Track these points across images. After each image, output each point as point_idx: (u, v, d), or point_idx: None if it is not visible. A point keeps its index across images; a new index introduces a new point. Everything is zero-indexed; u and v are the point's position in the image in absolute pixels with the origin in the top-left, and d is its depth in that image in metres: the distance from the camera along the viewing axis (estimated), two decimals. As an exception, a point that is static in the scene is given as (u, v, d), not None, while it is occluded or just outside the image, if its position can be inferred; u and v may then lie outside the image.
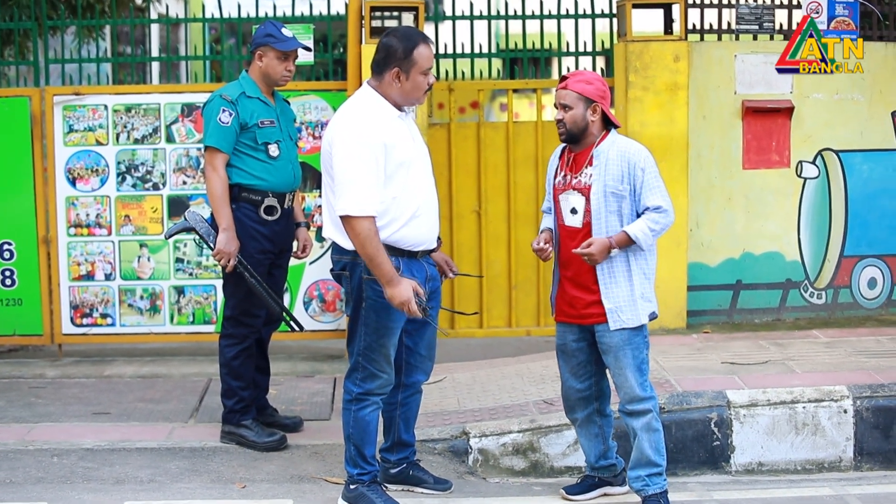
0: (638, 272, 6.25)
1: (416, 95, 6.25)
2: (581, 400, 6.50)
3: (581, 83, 6.27)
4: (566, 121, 6.27)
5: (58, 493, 6.62)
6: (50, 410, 8.03)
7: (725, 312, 9.52)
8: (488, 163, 9.47)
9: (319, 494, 6.64)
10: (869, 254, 9.62)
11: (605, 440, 6.56)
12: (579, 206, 6.27)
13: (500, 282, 9.48)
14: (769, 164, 9.46)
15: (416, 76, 6.18)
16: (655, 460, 6.29)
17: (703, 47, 9.42)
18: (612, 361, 6.29)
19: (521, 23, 10.03)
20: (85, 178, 9.16)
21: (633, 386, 6.25)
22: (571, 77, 6.32)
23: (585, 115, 6.24)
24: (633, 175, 6.19)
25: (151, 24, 11.08)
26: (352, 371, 6.32)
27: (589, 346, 6.40)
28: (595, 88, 6.26)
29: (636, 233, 6.16)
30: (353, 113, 6.17)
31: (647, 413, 6.28)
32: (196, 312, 9.23)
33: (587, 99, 6.23)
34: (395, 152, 6.08)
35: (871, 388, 7.39)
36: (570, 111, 6.25)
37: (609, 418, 6.57)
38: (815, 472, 7.24)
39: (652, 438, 6.29)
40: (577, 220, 6.28)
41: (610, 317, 6.23)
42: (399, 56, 6.14)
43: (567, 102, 6.26)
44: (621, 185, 6.19)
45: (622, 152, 6.23)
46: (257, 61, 7.29)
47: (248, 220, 7.18)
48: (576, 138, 6.29)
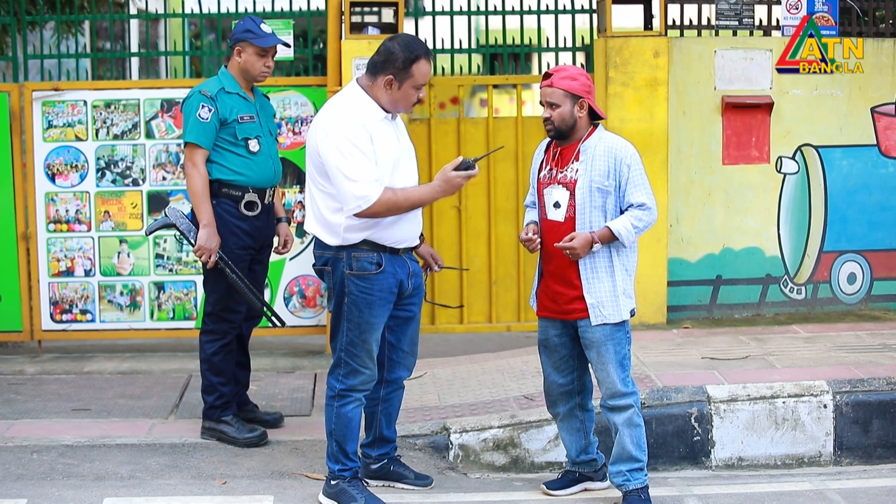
0: (620, 268, 6.24)
1: (404, 106, 6.25)
2: (563, 395, 6.50)
3: (566, 80, 6.23)
4: (554, 119, 6.24)
5: (38, 489, 6.60)
6: (30, 407, 8.01)
7: (705, 308, 9.54)
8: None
9: (300, 490, 6.63)
10: (848, 249, 9.65)
11: (586, 435, 6.57)
12: (563, 200, 6.26)
13: (480, 277, 9.49)
14: (749, 160, 9.49)
15: (409, 89, 6.18)
16: (636, 455, 6.30)
17: (682, 43, 9.44)
18: (595, 357, 6.28)
19: (501, 18, 10.02)
20: (64, 173, 9.14)
21: (615, 381, 6.25)
22: (556, 74, 6.27)
23: (573, 112, 6.22)
24: (619, 171, 6.19)
25: (131, 19, 11.05)
26: (334, 367, 6.32)
27: (571, 340, 6.40)
28: (580, 84, 6.23)
29: (619, 229, 6.15)
30: (341, 108, 6.16)
31: (629, 408, 6.28)
32: (176, 308, 9.21)
33: (574, 95, 6.20)
34: (380, 151, 6.09)
35: (851, 383, 7.41)
36: (558, 109, 6.21)
37: (591, 413, 6.57)
38: (795, 467, 7.26)
39: (633, 434, 6.29)
40: (559, 215, 6.28)
41: (592, 312, 6.22)
42: (398, 65, 6.14)
43: (554, 100, 6.23)
44: (607, 181, 6.18)
45: (609, 148, 6.22)
46: (236, 57, 7.27)
47: (229, 216, 7.17)
48: (564, 135, 6.28)
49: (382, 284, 6.20)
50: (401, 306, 6.40)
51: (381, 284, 6.20)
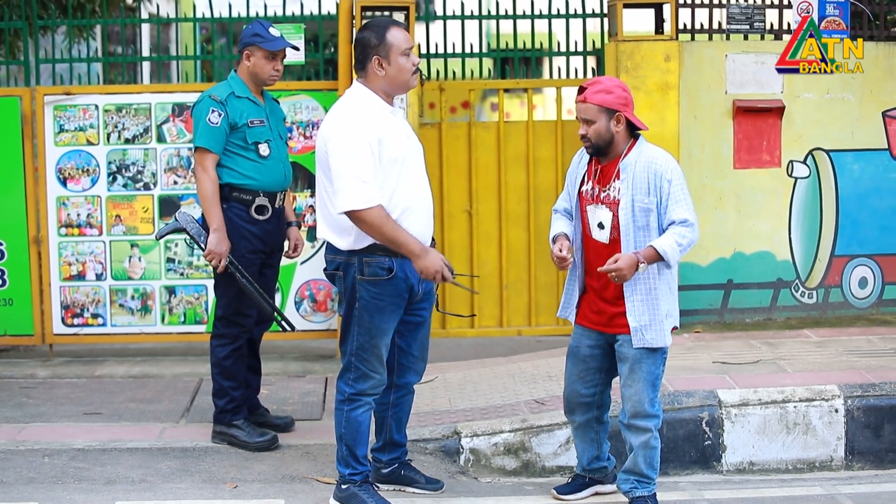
0: (664, 288, 6.10)
1: (404, 78, 6.20)
2: (582, 405, 6.42)
3: (601, 94, 6.01)
4: (590, 135, 6.03)
5: (49, 493, 6.61)
6: (41, 410, 8.02)
7: (716, 312, 9.53)
8: (479, 163, 9.47)
9: (311, 494, 6.63)
10: (860, 253, 9.63)
11: (599, 445, 6.52)
12: (606, 221, 6.10)
13: (491, 282, 9.48)
14: (760, 164, 9.47)
15: (397, 58, 6.14)
16: (647, 473, 6.23)
17: (693, 47, 9.43)
18: (626, 372, 6.17)
19: (512, 22, 10.02)
20: (76, 177, 9.15)
21: (643, 400, 6.13)
22: (590, 88, 6.05)
23: (609, 127, 6.01)
24: (660, 187, 5.99)
25: (142, 23, 11.07)
26: (344, 371, 6.32)
27: (603, 353, 6.30)
28: (616, 97, 6.01)
29: (665, 248, 5.95)
30: (346, 110, 6.15)
31: (648, 432, 6.18)
32: (187, 312, 9.22)
33: (609, 110, 5.99)
34: (389, 148, 6.07)
35: (862, 387, 7.40)
36: (593, 125, 6.01)
37: (606, 425, 6.51)
38: (807, 472, 7.25)
39: (648, 455, 6.21)
40: (603, 236, 6.13)
41: (634, 335, 6.09)
42: (374, 44, 6.12)
43: (588, 116, 6.01)
44: (648, 198, 6.00)
45: (648, 163, 6.02)
46: (245, 61, 7.28)
47: (239, 220, 7.18)
48: (603, 151, 6.07)
49: (393, 289, 6.19)
50: (411, 311, 6.40)
51: (393, 289, 6.19)
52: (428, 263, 6.07)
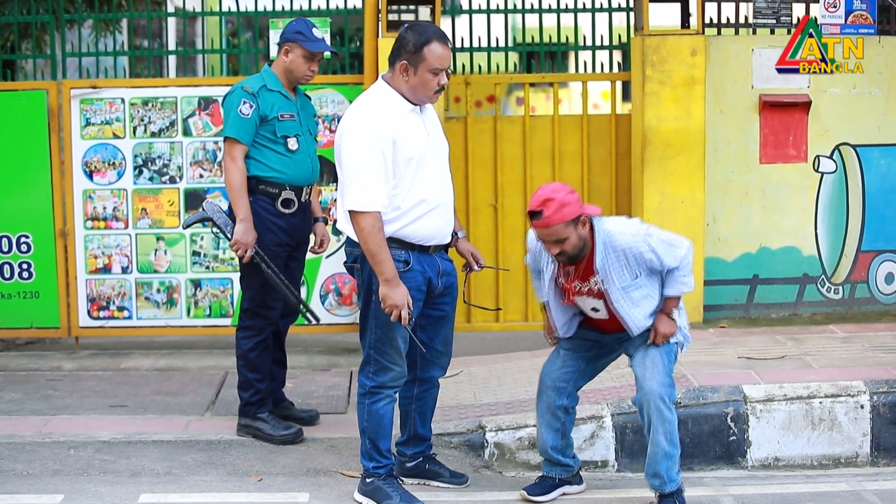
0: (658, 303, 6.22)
1: (424, 94, 6.13)
2: (554, 389, 6.39)
3: (558, 210, 5.90)
4: (567, 250, 5.99)
5: (74, 485, 6.63)
6: (67, 403, 8.05)
7: (742, 307, 9.50)
8: (505, 157, 9.47)
9: (335, 488, 6.64)
10: (886, 249, 9.59)
11: (564, 436, 6.48)
12: (600, 305, 6.19)
13: (516, 276, 9.47)
14: (786, 159, 9.44)
15: (424, 73, 6.07)
16: (670, 452, 6.18)
17: (720, 41, 9.40)
18: (640, 355, 6.24)
19: (538, 16, 10.01)
20: (102, 171, 9.18)
21: (656, 363, 6.16)
22: (545, 210, 5.90)
23: (580, 234, 5.98)
24: (644, 260, 6.03)
25: (168, 17, 11.08)
26: (364, 364, 6.32)
27: (596, 342, 6.39)
28: (571, 204, 5.94)
29: (679, 289, 6.14)
30: (364, 106, 6.14)
31: (662, 402, 6.12)
32: (213, 306, 9.24)
33: (573, 220, 5.95)
34: (405, 147, 6.04)
35: (888, 383, 7.37)
36: (567, 241, 5.96)
37: (572, 416, 6.49)
38: (832, 468, 7.22)
39: (666, 430, 6.12)
40: (602, 315, 6.24)
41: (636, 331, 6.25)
42: (409, 49, 6.07)
43: (558, 237, 5.95)
44: (635, 279, 6.08)
45: (618, 251, 6.03)
46: (283, 56, 7.28)
47: (265, 213, 7.19)
48: (578, 257, 6.07)
49: (410, 282, 6.14)
50: (432, 305, 6.38)
51: (409, 282, 6.13)
52: (392, 294, 6.00)
